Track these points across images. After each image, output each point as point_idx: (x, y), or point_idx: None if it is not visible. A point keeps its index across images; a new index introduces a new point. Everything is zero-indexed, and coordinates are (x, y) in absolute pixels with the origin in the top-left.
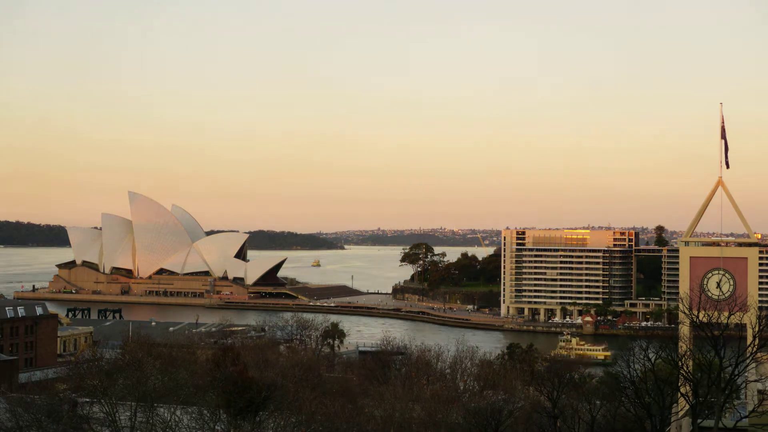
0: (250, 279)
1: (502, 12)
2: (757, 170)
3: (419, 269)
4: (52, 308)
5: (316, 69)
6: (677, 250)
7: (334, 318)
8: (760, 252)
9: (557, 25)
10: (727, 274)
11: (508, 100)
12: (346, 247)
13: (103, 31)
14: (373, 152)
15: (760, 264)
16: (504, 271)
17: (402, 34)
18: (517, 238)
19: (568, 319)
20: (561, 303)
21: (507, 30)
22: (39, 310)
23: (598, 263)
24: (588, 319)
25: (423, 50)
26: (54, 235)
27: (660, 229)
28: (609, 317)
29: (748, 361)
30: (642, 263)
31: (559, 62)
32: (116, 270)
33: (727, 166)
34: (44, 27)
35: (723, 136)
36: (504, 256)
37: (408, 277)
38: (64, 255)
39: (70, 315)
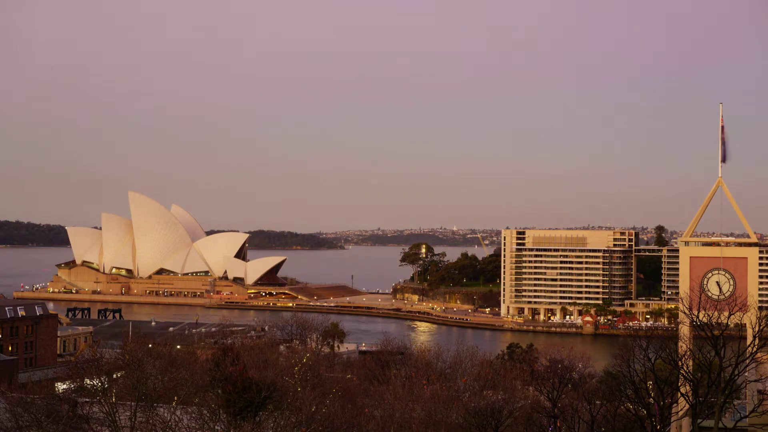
0: (250, 279)
1: None
2: (757, 170)
3: (419, 269)
4: (52, 308)
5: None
6: (677, 250)
7: (334, 318)
8: (760, 252)
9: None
10: (727, 274)
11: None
12: (346, 247)
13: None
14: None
15: (760, 264)
16: (504, 271)
17: None
18: (517, 238)
19: (568, 318)
20: (561, 303)
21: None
22: (39, 310)
23: (598, 263)
24: (588, 319)
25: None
26: (54, 235)
27: (660, 229)
28: (609, 317)
29: (748, 361)
30: (642, 263)
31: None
32: (116, 270)
33: (724, 161)
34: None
35: (722, 136)
36: (504, 256)
37: (408, 277)
38: (64, 255)
39: (70, 315)
